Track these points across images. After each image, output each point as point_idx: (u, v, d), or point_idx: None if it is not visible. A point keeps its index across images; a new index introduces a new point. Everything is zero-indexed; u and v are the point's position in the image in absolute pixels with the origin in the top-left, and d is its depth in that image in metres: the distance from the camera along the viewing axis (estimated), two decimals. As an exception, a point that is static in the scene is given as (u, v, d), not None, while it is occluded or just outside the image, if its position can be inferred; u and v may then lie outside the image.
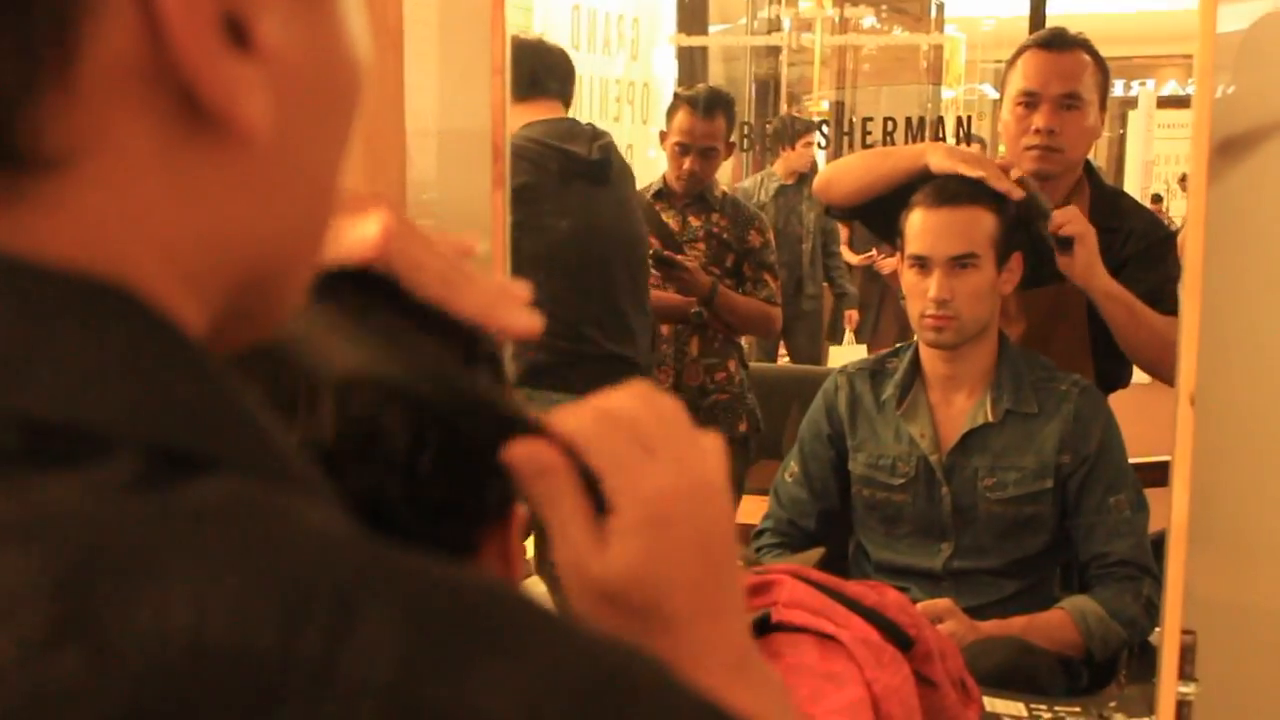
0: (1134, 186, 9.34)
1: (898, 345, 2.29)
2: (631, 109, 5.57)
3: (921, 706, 1.38)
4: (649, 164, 5.25)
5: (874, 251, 6.35)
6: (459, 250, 0.66)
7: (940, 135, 4.61)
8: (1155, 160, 10.10)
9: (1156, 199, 8.71)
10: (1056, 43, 2.28)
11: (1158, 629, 1.43)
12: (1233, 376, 1.48)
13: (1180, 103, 10.52)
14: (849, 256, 6.29)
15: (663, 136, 3.31)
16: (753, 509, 2.43)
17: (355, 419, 0.52)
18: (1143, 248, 2.23)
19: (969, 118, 5.17)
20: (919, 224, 2.08)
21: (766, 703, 0.57)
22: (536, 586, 1.77)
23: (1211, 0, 1.35)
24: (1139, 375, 2.29)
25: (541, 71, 2.79)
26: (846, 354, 6.32)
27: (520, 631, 0.36)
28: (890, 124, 4.53)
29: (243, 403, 0.40)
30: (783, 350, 5.72)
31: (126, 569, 0.33)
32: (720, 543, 0.56)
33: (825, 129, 5.66)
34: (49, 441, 0.35)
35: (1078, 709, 1.65)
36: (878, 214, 2.29)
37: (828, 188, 2.47)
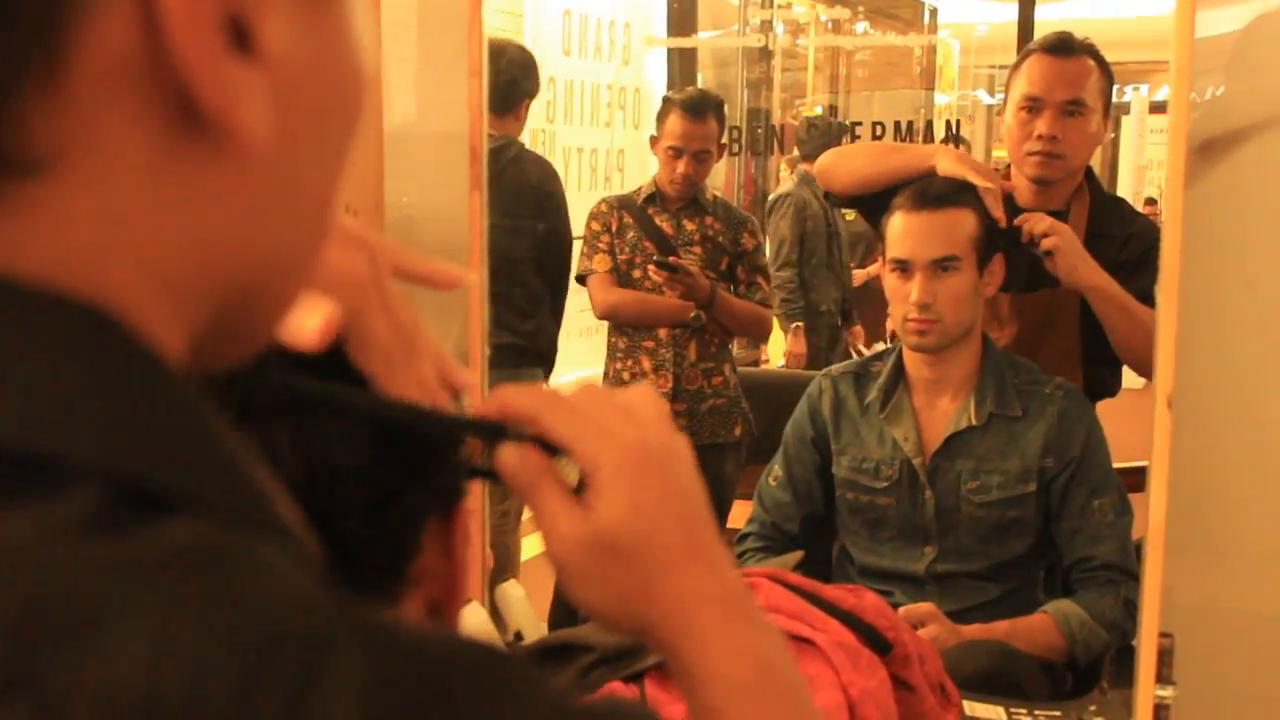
0: (1126, 190, 9.35)
1: (882, 348, 2.28)
2: (623, 114, 5.56)
3: (899, 711, 1.37)
4: (642, 168, 5.24)
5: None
6: (447, 281, 0.69)
7: (929, 139, 4.61)
8: (1148, 165, 10.10)
9: (1151, 201, 8.71)
10: (1063, 48, 2.26)
11: (1140, 632, 1.42)
12: (1212, 380, 1.48)
13: (1173, 108, 10.48)
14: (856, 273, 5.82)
15: (653, 141, 3.29)
16: (742, 514, 2.42)
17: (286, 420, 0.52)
18: (1138, 253, 2.22)
19: (957, 121, 5.16)
20: (900, 227, 2.07)
21: (766, 644, 0.59)
22: (515, 590, 1.77)
23: (1189, 6, 1.35)
24: (1128, 381, 2.29)
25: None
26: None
27: (492, 692, 0.35)
28: (879, 128, 4.52)
29: (219, 439, 0.37)
30: (764, 356, 5.63)
31: (76, 619, 0.31)
32: (696, 491, 0.61)
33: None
34: (3, 470, 0.33)
35: (1057, 713, 1.65)
36: (877, 207, 2.28)
37: (830, 172, 2.43)
